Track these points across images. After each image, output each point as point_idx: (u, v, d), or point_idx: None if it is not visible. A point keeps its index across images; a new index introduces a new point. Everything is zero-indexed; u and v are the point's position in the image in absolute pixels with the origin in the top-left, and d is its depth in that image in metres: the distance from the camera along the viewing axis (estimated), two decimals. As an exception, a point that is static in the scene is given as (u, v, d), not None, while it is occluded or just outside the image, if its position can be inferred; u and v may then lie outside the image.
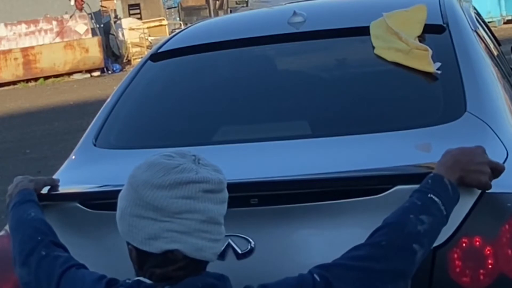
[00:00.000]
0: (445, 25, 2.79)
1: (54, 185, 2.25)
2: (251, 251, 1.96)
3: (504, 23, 20.34)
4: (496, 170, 1.90)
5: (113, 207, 2.06)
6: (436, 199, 1.79)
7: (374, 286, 1.68)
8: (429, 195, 1.79)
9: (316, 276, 1.67)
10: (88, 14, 21.38)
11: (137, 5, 29.11)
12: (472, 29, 2.89)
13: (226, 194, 1.66)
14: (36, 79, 20.35)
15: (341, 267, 1.69)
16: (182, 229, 1.61)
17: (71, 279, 1.80)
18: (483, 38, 3.11)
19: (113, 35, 23.08)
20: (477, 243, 1.90)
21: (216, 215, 1.63)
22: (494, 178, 1.90)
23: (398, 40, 2.69)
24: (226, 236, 1.94)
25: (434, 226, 1.78)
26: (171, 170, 1.62)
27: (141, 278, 1.65)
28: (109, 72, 20.94)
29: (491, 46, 3.41)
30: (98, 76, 20.56)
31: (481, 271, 1.88)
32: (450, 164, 1.86)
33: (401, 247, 1.72)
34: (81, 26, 21.27)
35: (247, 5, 19.63)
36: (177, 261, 1.63)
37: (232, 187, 1.71)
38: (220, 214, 1.64)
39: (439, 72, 2.52)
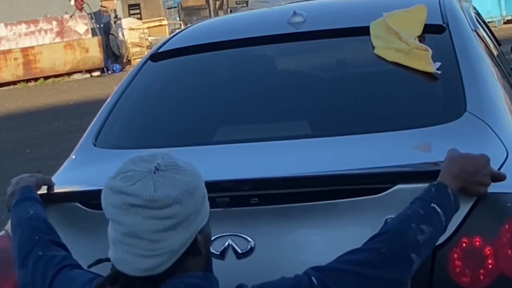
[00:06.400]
0: (445, 25, 2.79)
1: (50, 186, 2.24)
2: (251, 250, 1.96)
3: (504, 23, 20.34)
4: (497, 180, 1.91)
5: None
6: (439, 209, 1.78)
7: None
8: (432, 205, 1.78)
9: (313, 278, 1.65)
10: (88, 14, 21.38)
11: (137, 5, 29.09)
12: (472, 29, 2.89)
13: (164, 212, 1.56)
14: (36, 79, 20.35)
15: (339, 272, 1.67)
16: (111, 237, 1.60)
17: (62, 280, 1.80)
18: (483, 38, 3.11)
19: (113, 35, 23.08)
20: (477, 243, 1.89)
21: (141, 231, 1.55)
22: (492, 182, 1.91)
23: (398, 40, 2.69)
24: (226, 235, 1.95)
25: (432, 236, 1.77)
26: (118, 175, 1.60)
27: None
28: (109, 72, 20.94)
29: (491, 46, 3.41)
30: (98, 76, 20.56)
31: (481, 271, 1.88)
32: (455, 173, 1.85)
33: (400, 256, 1.71)
34: (81, 26, 21.27)
35: (247, 5, 19.62)
36: (110, 271, 1.63)
37: (232, 186, 1.71)
38: (148, 230, 1.55)
39: (439, 72, 2.52)
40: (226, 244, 1.96)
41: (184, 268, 1.60)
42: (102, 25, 22.49)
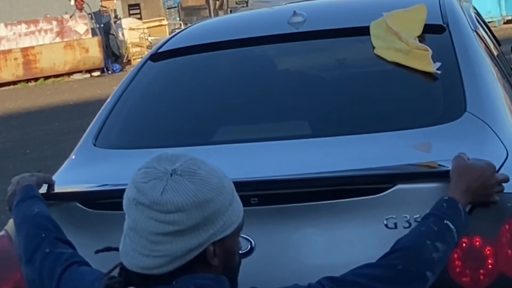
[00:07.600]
0: (445, 25, 2.79)
1: (51, 184, 2.24)
2: (251, 250, 1.96)
3: (504, 23, 20.34)
4: (503, 182, 1.92)
5: (113, 206, 2.07)
6: (452, 226, 1.78)
7: None
8: (445, 221, 1.78)
9: None
10: (88, 14, 21.38)
11: (137, 5, 29.09)
12: (472, 29, 2.89)
13: (166, 217, 1.54)
14: (36, 79, 20.35)
15: (354, 285, 1.65)
16: (124, 229, 1.61)
17: (71, 277, 1.80)
18: (483, 38, 3.11)
19: (113, 35, 23.08)
20: (477, 243, 1.89)
21: (142, 229, 1.56)
22: None
23: (398, 40, 2.69)
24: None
25: (446, 254, 1.77)
26: (142, 169, 1.61)
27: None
28: (109, 72, 20.94)
29: (491, 46, 3.41)
30: (98, 76, 20.56)
31: (481, 271, 1.89)
32: (464, 189, 1.85)
33: (415, 274, 1.70)
34: (81, 26, 21.27)
35: (247, 5, 19.60)
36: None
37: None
38: (148, 230, 1.55)
39: (439, 72, 2.52)
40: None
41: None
42: (102, 25, 22.48)
